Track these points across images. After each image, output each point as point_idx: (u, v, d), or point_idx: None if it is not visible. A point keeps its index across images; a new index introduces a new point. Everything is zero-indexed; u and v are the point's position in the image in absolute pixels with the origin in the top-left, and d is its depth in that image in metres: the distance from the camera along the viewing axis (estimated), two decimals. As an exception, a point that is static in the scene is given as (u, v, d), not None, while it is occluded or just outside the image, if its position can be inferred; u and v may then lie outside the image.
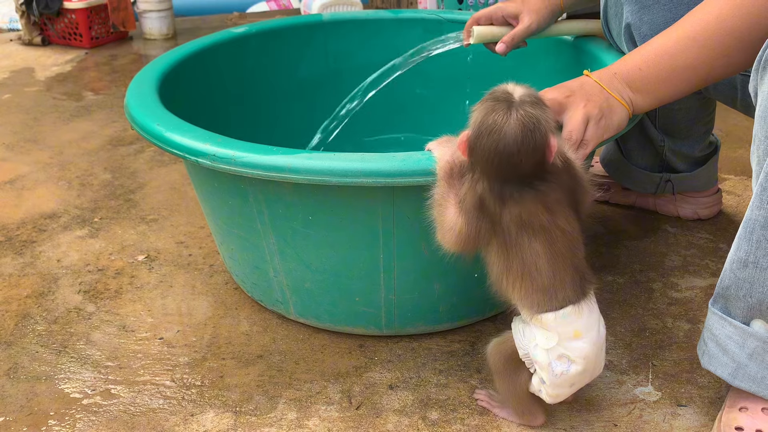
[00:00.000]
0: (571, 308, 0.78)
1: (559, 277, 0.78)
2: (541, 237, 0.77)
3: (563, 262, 0.78)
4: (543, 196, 0.76)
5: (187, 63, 1.26)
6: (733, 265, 0.81)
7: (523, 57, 1.30)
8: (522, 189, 0.76)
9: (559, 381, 0.81)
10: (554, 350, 0.80)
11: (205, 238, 1.37)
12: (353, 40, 1.49)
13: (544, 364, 0.81)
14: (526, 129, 0.72)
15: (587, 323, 0.79)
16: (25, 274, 1.27)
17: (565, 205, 0.78)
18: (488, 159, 0.74)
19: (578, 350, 0.79)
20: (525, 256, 0.77)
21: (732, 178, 1.54)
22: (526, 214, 0.76)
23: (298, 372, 1.02)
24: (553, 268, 0.78)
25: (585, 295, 0.80)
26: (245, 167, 0.86)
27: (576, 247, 0.79)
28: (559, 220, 0.77)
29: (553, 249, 0.77)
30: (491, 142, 0.73)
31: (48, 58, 2.59)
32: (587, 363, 0.80)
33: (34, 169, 1.68)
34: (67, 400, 0.98)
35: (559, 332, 0.79)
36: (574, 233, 0.78)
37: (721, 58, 0.84)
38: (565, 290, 0.78)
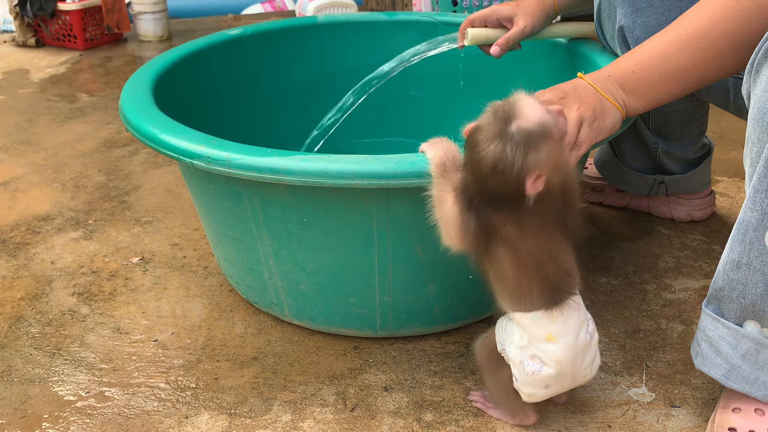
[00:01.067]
0: (543, 312, 0.79)
1: (525, 285, 0.79)
2: (507, 247, 0.78)
3: (528, 274, 0.78)
4: (515, 217, 0.76)
5: (182, 65, 1.25)
6: (726, 266, 0.82)
7: (517, 59, 1.31)
8: (495, 206, 0.76)
9: (531, 380, 0.82)
10: (526, 349, 0.81)
11: (200, 240, 1.37)
12: (348, 42, 1.49)
13: (516, 361, 0.82)
14: (497, 167, 0.72)
15: (561, 329, 0.80)
16: (18, 276, 1.27)
17: (540, 227, 0.77)
18: (469, 168, 0.77)
19: (550, 353, 0.80)
20: (494, 257, 0.79)
21: (725, 180, 1.55)
22: (495, 221, 0.77)
23: (292, 374, 1.02)
24: (518, 277, 0.78)
25: (557, 304, 0.79)
26: (240, 169, 0.87)
27: (543, 265, 0.78)
28: (528, 240, 0.77)
29: (518, 260, 0.78)
30: (473, 156, 0.75)
31: (42, 59, 2.58)
32: (561, 367, 0.81)
33: (28, 171, 1.67)
34: (61, 403, 0.98)
35: (530, 333, 0.80)
36: (541, 254, 0.78)
37: (714, 61, 0.84)
38: (533, 298, 0.79)
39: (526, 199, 0.74)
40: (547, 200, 0.75)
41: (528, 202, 0.74)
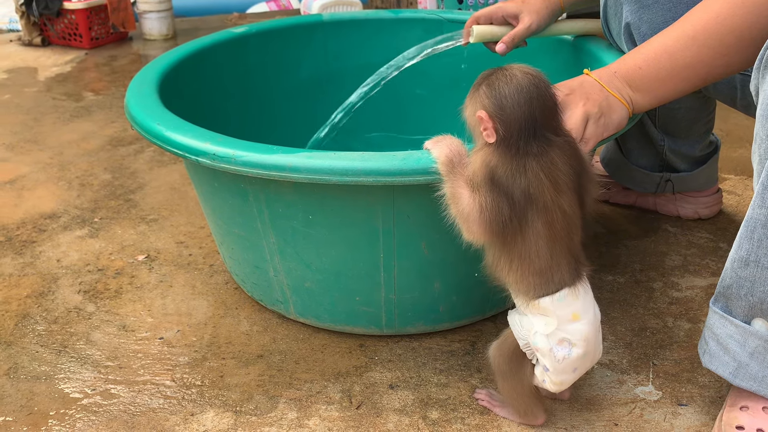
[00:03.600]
0: (568, 290, 0.79)
1: (555, 259, 0.78)
2: (543, 216, 0.77)
3: (560, 244, 0.78)
4: (555, 156, 0.76)
5: (187, 63, 1.26)
6: (734, 264, 0.81)
7: (522, 56, 1.29)
8: (540, 142, 0.76)
9: (562, 366, 0.81)
10: (554, 335, 0.80)
11: (205, 238, 1.37)
12: (353, 40, 1.49)
13: (545, 350, 0.81)
14: (532, 75, 0.77)
15: (584, 305, 0.80)
16: (25, 274, 1.27)
17: (571, 186, 0.78)
18: (516, 116, 0.76)
19: (578, 332, 0.80)
20: (527, 236, 0.77)
21: (732, 178, 1.54)
22: (534, 187, 0.76)
23: (298, 372, 1.02)
24: (551, 251, 0.78)
25: (580, 277, 0.80)
26: (245, 166, 0.86)
27: (573, 231, 0.79)
28: (563, 200, 0.77)
29: (553, 231, 0.77)
30: (513, 98, 0.76)
31: (48, 58, 2.59)
32: (588, 345, 0.81)
33: (34, 170, 1.68)
34: (67, 400, 0.98)
35: (557, 315, 0.79)
36: (573, 217, 0.79)
37: (721, 57, 0.84)
38: (561, 272, 0.79)
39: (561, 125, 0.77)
40: (567, 148, 0.78)
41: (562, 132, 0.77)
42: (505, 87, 0.77)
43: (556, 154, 0.77)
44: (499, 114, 0.77)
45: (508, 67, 0.78)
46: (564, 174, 0.77)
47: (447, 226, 0.95)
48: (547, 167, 0.76)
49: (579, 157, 0.80)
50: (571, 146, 0.79)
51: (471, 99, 0.80)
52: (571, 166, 0.78)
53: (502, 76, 0.77)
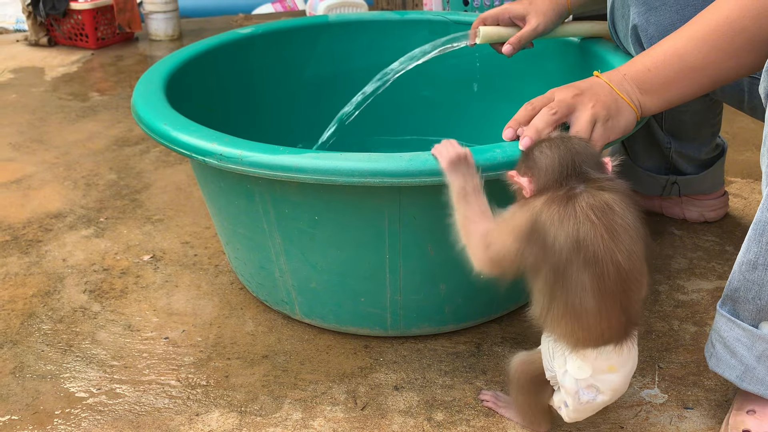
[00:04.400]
0: (612, 346, 0.73)
1: (605, 318, 0.70)
2: (591, 268, 0.68)
3: (612, 301, 0.69)
4: (609, 198, 0.69)
5: (193, 63, 1.26)
6: (742, 267, 0.81)
7: (529, 58, 1.30)
8: (587, 183, 0.71)
9: (584, 408, 0.79)
10: (585, 380, 0.76)
11: (211, 238, 1.37)
12: (359, 41, 1.49)
13: (571, 391, 0.77)
14: (560, 133, 0.78)
15: (624, 359, 0.75)
16: (30, 273, 1.27)
17: (632, 234, 0.69)
18: (550, 161, 0.73)
19: (609, 383, 0.76)
20: (571, 288, 0.69)
21: (739, 181, 1.54)
22: (583, 232, 0.67)
23: (303, 372, 1.02)
24: (599, 307, 0.69)
25: (628, 336, 0.74)
26: (252, 167, 0.86)
27: (631, 287, 0.70)
28: (619, 250, 0.68)
29: (602, 285, 0.68)
30: (542, 149, 0.74)
31: (54, 58, 2.60)
32: (614, 394, 0.78)
33: (40, 169, 1.68)
34: (72, 399, 0.98)
35: (594, 366, 0.74)
36: (632, 271, 0.69)
37: (731, 60, 0.83)
38: (611, 332, 0.72)
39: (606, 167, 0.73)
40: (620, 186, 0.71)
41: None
42: (534, 148, 0.75)
43: (610, 197, 0.69)
44: (530, 167, 0.74)
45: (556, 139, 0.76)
46: (622, 219, 0.69)
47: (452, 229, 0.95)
48: (600, 209, 0.68)
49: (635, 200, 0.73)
50: (630, 191, 0.72)
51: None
52: (631, 211, 0.70)
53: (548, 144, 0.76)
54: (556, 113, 0.84)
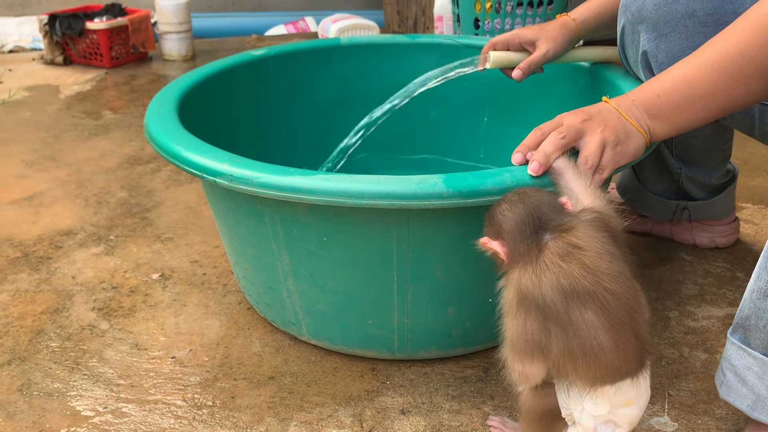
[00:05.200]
0: (629, 380, 0.71)
1: (622, 349, 0.69)
2: (591, 304, 0.68)
3: (624, 330, 0.68)
4: (575, 236, 0.70)
5: (206, 84, 1.27)
6: (753, 294, 0.80)
7: (539, 83, 1.31)
8: (552, 232, 0.71)
9: None
10: (603, 416, 0.74)
11: (219, 257, 1.37)
12: (370, 64, 1.50)
13: (589, 428, 0.76)
14: (520, 188, 0.77)
15: (639, 392, 0.74)
16: (40, 290, 1.28)
17: (614, 260, 0.69)
18: (511, 221, 0.73)
19: (627, 417, 0.75)
20: (581, 333, 0.68)
21: (750, 207, 1.53)
22: (564, 278, 0.68)
23: (309, 394, 1.01)
24: (615, 340, 0.68)
25: (644, 366, 0.72)
26: (262, 188, 0.87)
27: (635, 309, 0.69)
28: (603, 278, 0.68)
29: (610, 317, 0.68)
30: (502, 209, 0.75)
31: (69, 77, 2.63)
32: (631, 426, 0.76)
33: (52, 186, 1.70)
34: (78, 418, 0.98)
35: (611, 401, 0.73)
36: (628, 294, 0.69)
37: (741, 87, 0.84)
38: (629, 364, 0.70)
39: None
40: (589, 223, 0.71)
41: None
42: (494, 208, 0.76)
43: (576, 235, 0.70)
44: (497, 230, 0.74)
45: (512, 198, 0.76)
46: (592, 250, 0.69)
47: (461, 252, 0.95)
48: (567, 251, 0.69)
49: (607, 225, 0.73)
50: (597, 219, 0.72)
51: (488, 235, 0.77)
52: (600, 238, 0.70)
53: (494, 205, 0.76)
54: (565, 138, 0.84)
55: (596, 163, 0.84)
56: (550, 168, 0.83)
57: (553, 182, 0.84)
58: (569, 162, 0.83)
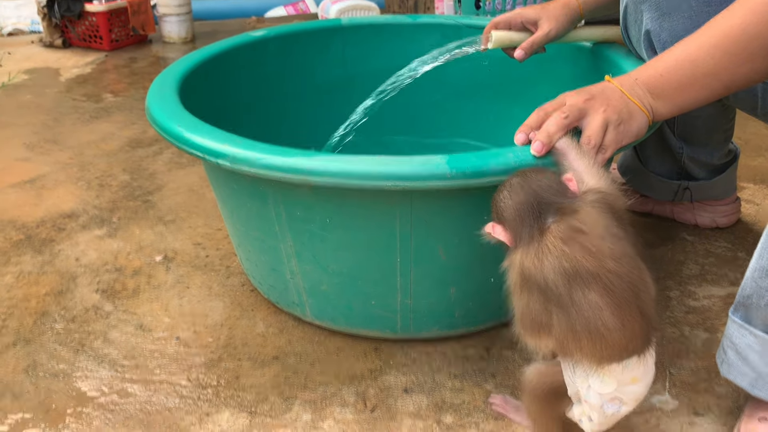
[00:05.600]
0: (636, 358, 0.72)
1: (629, 328, 0.69)
2: (594, 286, 0.68)
3: (629, 309, 0.68)
4: (577, 219, 0.71)
5: (207, 66, 1.27)
6: (754, 273, 0.81)
7: (541, 63, 1.30)
8: (554, 215, 0.72)
9: (609, 420, 0.78)
10: (609, 394, 0.75)
11: (222, 239, 1.38)
12: (371, 44, 1.50)
13: (596, 406, 0.77)
14: (522, 171, 0.78)
15: (646, 369, 0.75)
16: (44, 272, 1.29)
17: (617, 241, 0.70)
18: (513, 206, 0.74)
19: (632, 394, 0.76)
20: (585, 313, 0.68)
21: (751, 187, 1.53)
22: (567, 261, 0.68)
23: (313, 374, 1.02)
24: (621, 320, 0.68)
25: (650, 343, 0.72)
26: (265, 169, 0.87)
27: (640, 288, 0.69)
28: (605, 259, 0.68)
29: (614, 297, 0.68)
30: (504, 194, 0.76)
31: (68, 60, 2.62)
32: (637, 403, 0.77)
33: (54, 170, 1.70)
34: (84, 398, 0.99)
35: (618, 379, 0.74)
36: (632, 273, 0.69)
37: (745, 65, 0.83)
38: (635, 342, 0.70)
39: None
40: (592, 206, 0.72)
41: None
42: (497, 194, 0.77)
43: (578, 218, 0.71)
44: (500, 217, 0.76)
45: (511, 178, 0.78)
46: (599, 233, 0.69)
47: (464, 232, 0.95)
48: (569, 235, 0.69)
49: (611, 205, 0.73)
50: (600, 200, 0.73)
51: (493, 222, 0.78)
52: (603, 219, 0.71)
53: (497, 190, 0.77)
54: (568, 117, 0.84)
55: (599, 142, 0.84)
56: (552, 148, 0.83)
57: (555, 162, 0.84)
58: (572, 142, 0.83)
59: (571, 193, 0.75)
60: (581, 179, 0.78)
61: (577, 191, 0.75)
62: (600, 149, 0.85)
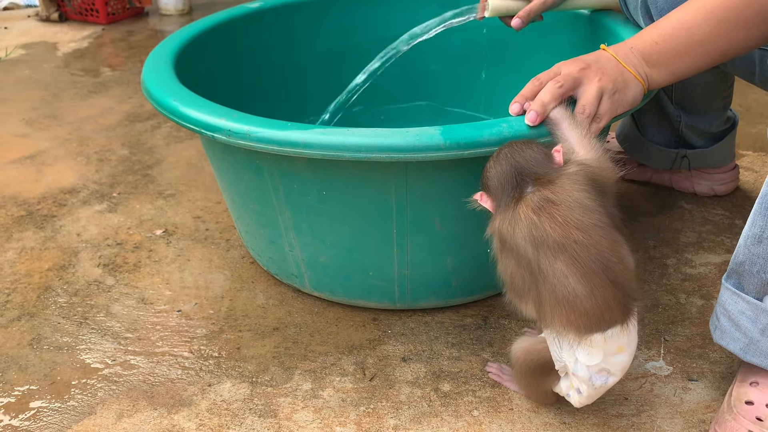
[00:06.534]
0: (619, 328, 0.73)
1: (600, 296, 0.70)
2: (560, 255, 0.70)
3: (597, 278, 0.70)
4: (551, 190, 0.73)
5: (202, 38, 1.26)
6: (747, 240, 0.81)
7: (538, 31, 1.29)
8: (532, 186, 0.74)
9: (597, 392, 0.80)
10: (596, 365, 0.77)
11: (222, 213, 1.38)
12: (368, 15, 1.48)
13: (584, 378, 0.78)
14: (511, 142, 0.80)
15: (630, 338, 0.76)
16: (46, 247, 1.30)
17: (589, 213, 0.72)
18: (495, 175, 0.78)
19: (619, 363, 0.77)
20: (551, 280, 0.71)
21: (750, 154, 1.53)
22: (535, 229, 0.72)
23: (313, 344, 1.04)
24: (590, 288, 0.70)
25: (630, 313, 0.74)
26: (260, 142, 0.87)
27: (610, 260, 0.71)
28: (573, 230, 0.70)
29: (579, 266, 0.70)
30: (489, 164, 0.80)
31: (65, 34, 2.60)
32: (623, 372, 0.79)
33: (53, 145, 1.70)
34: (88, 370, 1.00)
35: (604, 350, 0.75)
36: (599, 244, 0.71)
37: (740, 32, 0.83)
38: (611, 311, 0.72)
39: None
40: (571, 176, 0.74)
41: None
42: (486, 164, 0.80)
43: (553, 189, 0.73)
44: (485, 186, 0.80)
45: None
46: (569, 204, 0.72)
47: (459, 202, 0.96)
48: (539, 205, 0.72)
49: (593, 177, 0.75)
50: (579, 172, 0.75)
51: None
52: (575, 191, 0.73)
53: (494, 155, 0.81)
54: (562, 87, 0.84)
55: (593, 112, 0.84)
56: (547, 118, 0.84)
57: (550, 132, 0.84)
58: (566, 111, 0.83)
59: (555, 164, 0.76)
60: (572, 150, 0.78)
61: (560, 163, 0.76)
62: (595, 118, 0.85)
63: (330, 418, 0.91)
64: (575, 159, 0.77)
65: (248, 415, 0.92)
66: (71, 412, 0.94)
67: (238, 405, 0.94)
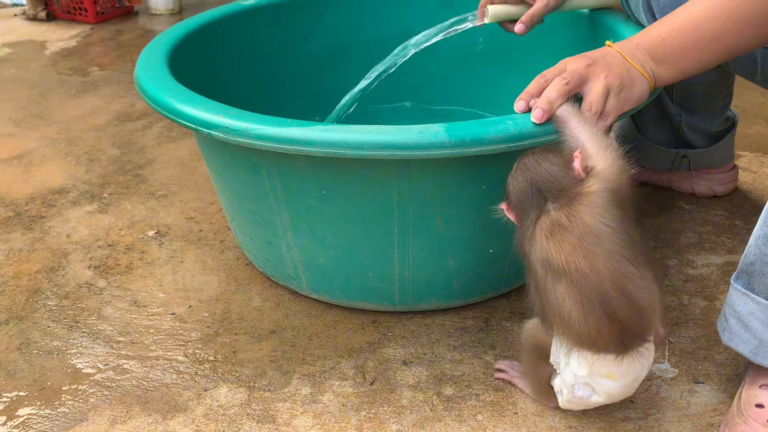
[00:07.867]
0: (613, 357, 0.72)
1: (592, 324, 0.70)
2: (563, 279, 0.71)
3: (593, 308, 0.70)
4: (566, 213, 0.72)
5: (197, 35, 1.23)
6: (758, 240, 0.80)
7: (538, 31, 1.27)
8: (552, 205, 0.74)
9: (576, 402, 0.80)
10: (582, 378, 0.76)
11: (215, 213, 1.36)
12: (365, 12, 1.46)
13: (568, 383, 0.78)
14: (534, 150, 0.80)
15: (625, 370, 0.75)
16: (35, 249, 1.27)
17: (605, 237, 0.70)
18: (516, 191, 0.78)
19: (606, 387, 0.76)
20: (552, 299, 0.72)
21: (747, 155, 1.52)
22: (544, 253, 0.72)
23: (311, 348, 1.01)
24: (584, 315, 0.70)
25: (629, 350, 0.72)
26: (259, 140, 0.85)
27: (608, 293, 0.69)
28: (577, 260, 0.70)
29: (578, 293, 0.70)
30: (512, 177, 0.79)
31: (53, 33, 2.56)
32: (610, 399, 0.78)
33: (41, 145, 1.66)
34: (80, 375, 0.97)
35: (591, 367, 0.75)
36: (600, 276, 0.69)
37: (748, 29, 0.81)
38: (604, 341, 0.71)
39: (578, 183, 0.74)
40: (603, 204, 0.72)
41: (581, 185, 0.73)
42: (508, 176, 0.80)
43: (569, 212, 0.72)
44: (507, 198, 0.80)
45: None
46: (579, 232, 0.70)
47: (462, 202, 0.94)
48: (551, 230, 0.72)
49: (614, 191, 0.74)
50: (599, 193, 0.73)
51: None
52: (595, 217, 0.71)
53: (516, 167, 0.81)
54: (569, 83, 0.82)
55: (600, 109, 0.83)
56: (553, 115, 0.82)
57: (556, 130, 0.82)
58: (573, 108, 0.82)
59: (575, 175, 0.74)
60: (587, 154, 0.77)
61: (581, 173, 0.74)
62: (601, 116, 0.83)
63: (330, 423, 0.89)
64: (596, 172, 0.74)
65: (246, 421, 0.89)
66: (62, 419, 0.91)
67: (235, 410, 0.91)
